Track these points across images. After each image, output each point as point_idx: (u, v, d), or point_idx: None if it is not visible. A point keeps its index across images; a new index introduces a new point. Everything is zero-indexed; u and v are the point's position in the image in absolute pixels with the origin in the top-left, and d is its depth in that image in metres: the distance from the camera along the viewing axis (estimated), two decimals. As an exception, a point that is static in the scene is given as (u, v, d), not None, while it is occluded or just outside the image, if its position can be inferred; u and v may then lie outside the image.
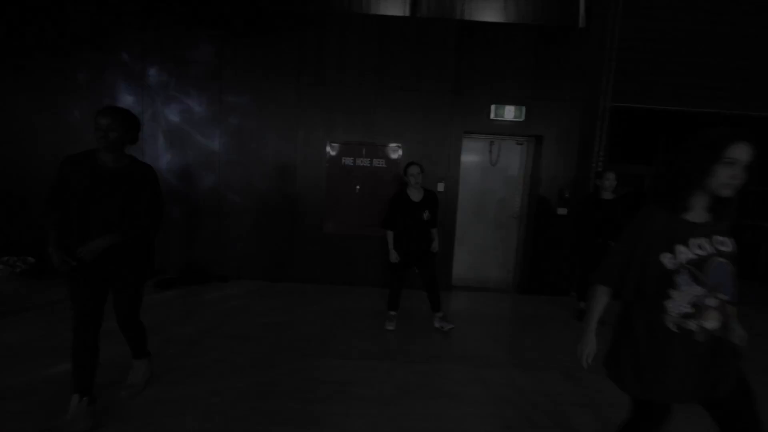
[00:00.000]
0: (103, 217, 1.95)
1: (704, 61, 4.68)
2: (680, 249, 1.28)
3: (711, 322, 1.28)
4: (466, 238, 5.14)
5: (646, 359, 1.33)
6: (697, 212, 1.33)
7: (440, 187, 4.73)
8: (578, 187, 4.80)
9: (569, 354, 3.10)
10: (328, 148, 4.76)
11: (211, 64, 4.63)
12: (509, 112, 4.69)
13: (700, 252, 1.28)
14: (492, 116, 4.70)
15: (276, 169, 4.78)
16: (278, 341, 3.10)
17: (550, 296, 4.86)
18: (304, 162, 4.76)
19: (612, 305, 1.45)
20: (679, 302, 1.27)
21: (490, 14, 4.90)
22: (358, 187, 4.79)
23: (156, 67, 4.63)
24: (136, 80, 4.64)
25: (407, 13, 4.85)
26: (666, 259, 1.28)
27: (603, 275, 1.42)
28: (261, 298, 4.26)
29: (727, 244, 1.31)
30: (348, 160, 4.77)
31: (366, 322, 3.69)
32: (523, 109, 4.68)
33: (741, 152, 1.23)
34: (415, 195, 3.42)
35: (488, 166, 5.15)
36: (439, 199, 3.61)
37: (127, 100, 4.65)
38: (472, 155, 5.10)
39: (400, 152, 4.75)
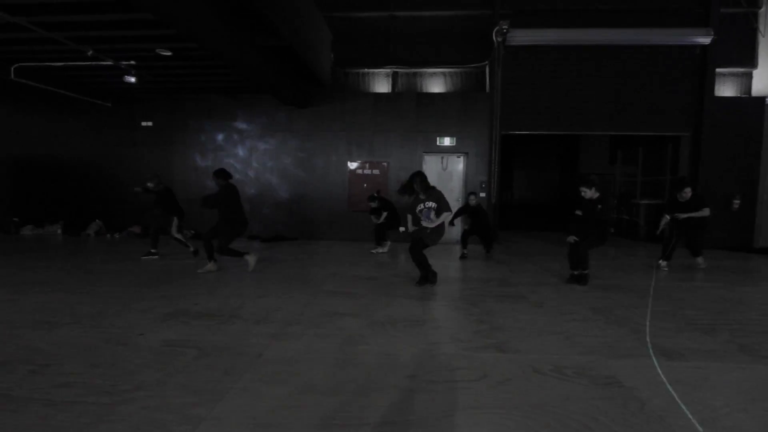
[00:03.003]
0: None
1: (549, 105, 8.33)
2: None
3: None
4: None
5: None
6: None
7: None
8: (489, 180, 8.45)
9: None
10: (348, 164, 8.68)
11: (285, 122, 8.72)
12: (447, 140, 8.49)
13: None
14: (438, 143, 8.50)
15: (321, 176, 8.72)
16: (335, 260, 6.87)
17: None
18: (335, 171, 8.69)
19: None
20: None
21: (436, 87, 8.81)
22: (365, 185, 8.63)
23: (256, 124, 8.76)
24: (233, 138, 8.78)
25: (390, 90, 8.83)
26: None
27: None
28: (311, 247, 8.09)
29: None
30: (359, 170, 8.66)
31: (364, 256, 7.42)
32: (455, 138, 8.46)
33: (584, 192, 4.78)
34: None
35: (441, 170, 8.88)
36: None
37: (230, 150, 8.79)
38: (431, 165, 8.85)
39: (387, 165, 8.59)
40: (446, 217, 4.57)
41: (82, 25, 5.10)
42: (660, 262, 5.88)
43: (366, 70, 8.92)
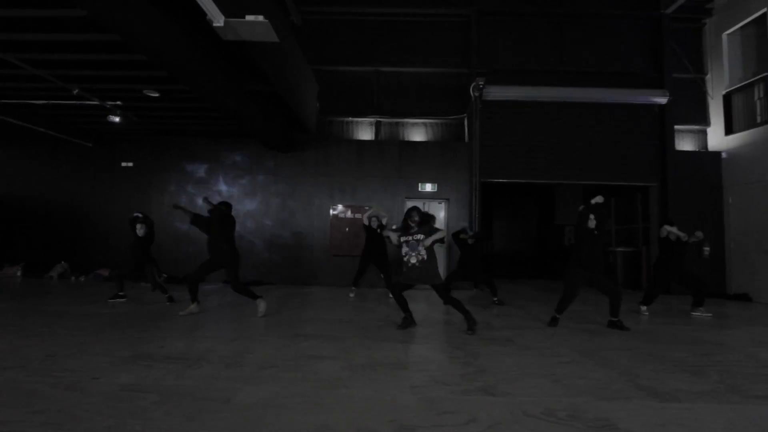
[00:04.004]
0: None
1: (525, 155, 8.74)
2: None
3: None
4: (412, 258, 8.75)
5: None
6: None
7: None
8: (471, 226, 8.55)
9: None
10: (330, 210, 8.68)
11: (269, 166, 8.77)
12: (429, 186, 8.68)
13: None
14: (419, 189, 8.67)
15: (303, 220, 8.64)
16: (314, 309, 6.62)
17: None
18: (317, 215, 8.65)
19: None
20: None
21: (418, 136, 9.17)
22: (347, 228, 8.58)
23: (238, 168, 8.78)
24: (215, 181, 8.76)
25: (373, 137, 9.13)
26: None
27: None
28: (290, 290, 7.81)
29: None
30: (341, 215, 8.65)
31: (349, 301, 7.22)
32: (436, 184, 8.66)
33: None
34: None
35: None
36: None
37: (211, 192, 8.73)
38: (413, 210, 8.93)
39: (370, 209, 8.63)
40: (439, 235, 4.20)
41: (71, 64, 5.17)
42: (641, 307, 5.92)
43: (350, 118, 9.25)
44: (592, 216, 4.64)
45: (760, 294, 7.63)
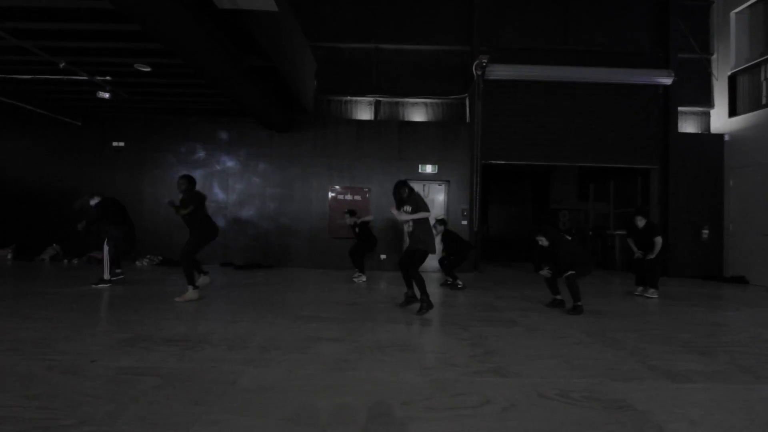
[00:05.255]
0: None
1: (527, 136, 8.60)
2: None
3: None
4: (411, 241, 8.68)
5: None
6: None
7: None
8: (471, 207, 8.46)
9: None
10: (329, 190, 8.52)
11: (266, 146, 8.55)
12: (429, 168, 8.52)
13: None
14: (420, 171, 8.52)
15: (301, 202, 8.49)
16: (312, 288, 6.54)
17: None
18: (316, 197, 8.49)
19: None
20: None
21: (418, 117, 8.96)
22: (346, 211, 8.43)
23: (235, 148, 8.55)
24: (211, 162, 8.54)
25: (372, 117, 8.91)
26: None
27: None
28: (289, 274, 7.72)
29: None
30: (340, 196, 8.50)
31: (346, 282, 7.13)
32: (437, 166, 8.51)
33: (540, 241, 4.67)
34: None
35: (424, 196, 8.83)
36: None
37: (207, 174, 8.52)
38: (412, 193, 8.80)
39: (368, 191, 8.49)
40: (424, 215, 4.29)
41: (57, 34, 4.89)
42: (639, 289, 5.93)
43: (349, 98, 9.00)
44: (543, 238, 4.69)
45: (757, 276, 7.68)
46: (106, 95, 6.41)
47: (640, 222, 5.86)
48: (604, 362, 2.86)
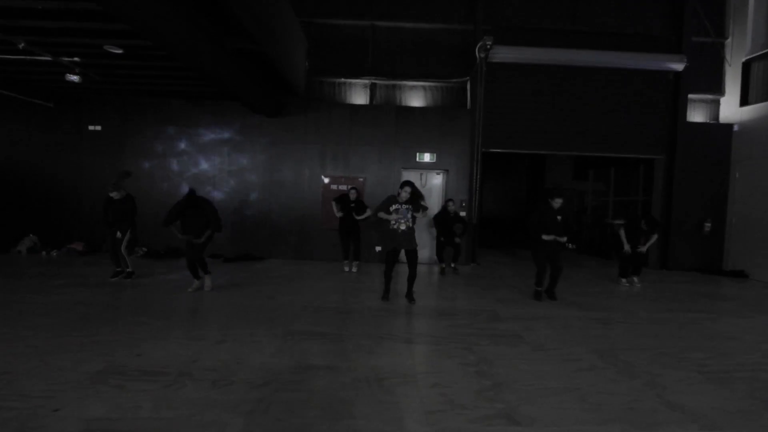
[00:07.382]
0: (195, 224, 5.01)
1: (530, 123, 8.21)
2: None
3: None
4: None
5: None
6: None
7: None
8: (470, 198, 8.16)
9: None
10: (322, 178, 8.12)
11: (254, 132, 8.05)
12: (427, 156, 8.13)
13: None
14: (417, 159, 8.13)
15: (293, 191, 8.09)
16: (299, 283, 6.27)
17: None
18: (308, 186, 8.10)
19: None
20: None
21: (416, 101, 8.47)
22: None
23: (221, 134, 8.04)
24: (195, 148, 8.03)
25: (368, 101, 8.40)
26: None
27: None
28: (281, 268, 7.43)
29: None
30: (334, 186, 8.11)
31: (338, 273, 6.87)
32: (435, 154, 8.12)
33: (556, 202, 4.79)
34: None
35: (421, 187, 8.48)
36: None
37: (191, 161, 8.03)
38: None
39: (364, 180, 8.11)
40: (425, 212, 4.89)
41: (11, 12, 4.31)
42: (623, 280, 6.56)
43: (343, 80, 8.45)
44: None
45: (757, 271, 7.58)
46: (75, 78, 5.84)
47: (646, 227, 6.31)
48: (620, 398, 2.65)
